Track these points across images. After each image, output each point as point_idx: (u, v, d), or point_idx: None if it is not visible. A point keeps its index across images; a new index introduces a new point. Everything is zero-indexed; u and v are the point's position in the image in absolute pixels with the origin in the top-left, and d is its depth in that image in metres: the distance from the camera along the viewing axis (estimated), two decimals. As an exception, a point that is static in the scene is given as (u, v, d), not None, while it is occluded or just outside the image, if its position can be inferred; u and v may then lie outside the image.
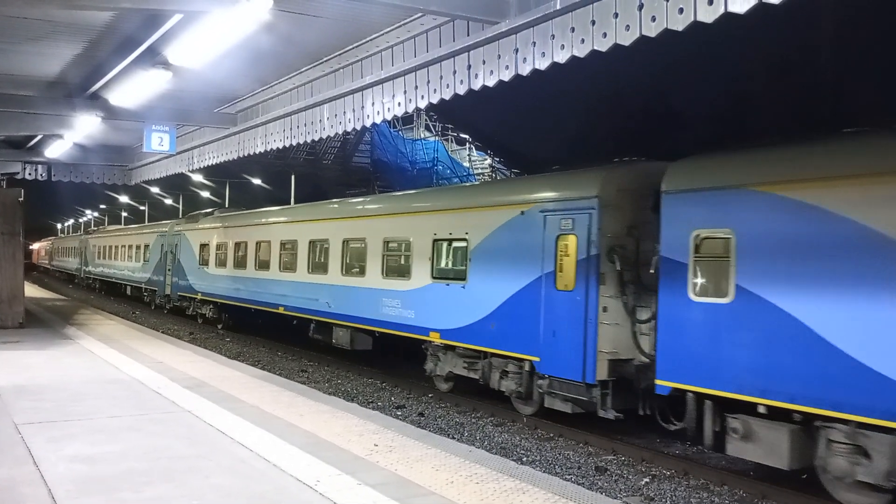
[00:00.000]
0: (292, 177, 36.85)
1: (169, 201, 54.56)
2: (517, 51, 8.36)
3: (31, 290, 35.76)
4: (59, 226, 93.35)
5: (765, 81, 17.18)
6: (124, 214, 67.74)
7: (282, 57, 11.76)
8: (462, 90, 9.30)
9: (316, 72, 12.28)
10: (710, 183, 9.59)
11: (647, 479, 9.94)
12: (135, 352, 16.20)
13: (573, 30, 7.59)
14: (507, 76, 8.59)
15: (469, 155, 35.12)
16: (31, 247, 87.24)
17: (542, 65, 8.08)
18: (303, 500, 6.63)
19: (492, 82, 8.83)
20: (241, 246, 23.48)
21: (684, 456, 11.03)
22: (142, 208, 60.47)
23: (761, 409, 8.73)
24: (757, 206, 8.86)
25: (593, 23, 7.37)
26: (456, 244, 14.11)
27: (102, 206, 69.07)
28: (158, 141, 15.61)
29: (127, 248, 38.24)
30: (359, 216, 17.79)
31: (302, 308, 19.24)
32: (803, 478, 9.20)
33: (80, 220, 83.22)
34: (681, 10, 6.49)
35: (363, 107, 11.38)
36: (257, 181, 40.32)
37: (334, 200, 21.43)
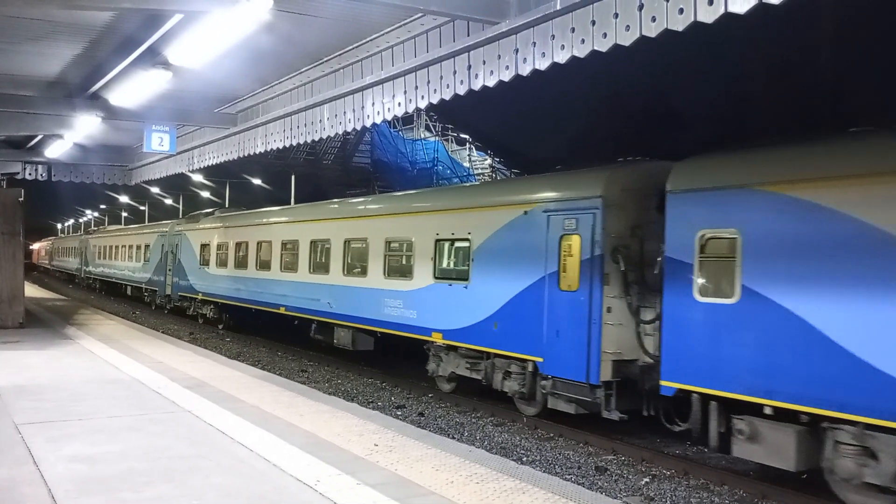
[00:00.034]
0: (292, 177, 36.88)
1: (169, 201, 54.58)
2: (517, 51, 8.36)
3: (32, 290, 35.76)
4: (60, 226, 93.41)
5: (765, 81, 17.20)
6: (124, 214, 67.78)
7: (282, 57, 11.77)
8: (462, 90, 9.31)
9: (316, 72, 12.28)
10: (715, 182, 9.48)
11: (647, 479, 9.93)
12: (135, 352, 16.20)
13: (573, 30, 7.59)
14: (508, 76, 8.59)
15: (469, 155, 35.14)
16: (31, 247, 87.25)
17: (543, 65, 8.09)
18: (303, 499, 6.63)
19: (492, 82, 8.83)
20: (242, 246, 23.44)
21: (684, 456, 11.03)
22: (142, 208, 60.51)
23: (767, 411, 8.63)
24: (763, 206, 8.77)
25: (593, 23, 7.37)
26: (458, 244, 14.05)
27: (102, 207, 69.13)
28: (158, 141, 15.62)
29: (127, 248, 38.19)
30: (360, 216, 17.73)
31: (303, 308, 19.19)
32: (803, 477, 9.20)
33: (81, 221, 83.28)
34: (681, 11, 6.49)
35: (363, 107, 11.38)
36: (257, 181, 40.35)
37: (336, 200, 21.37)
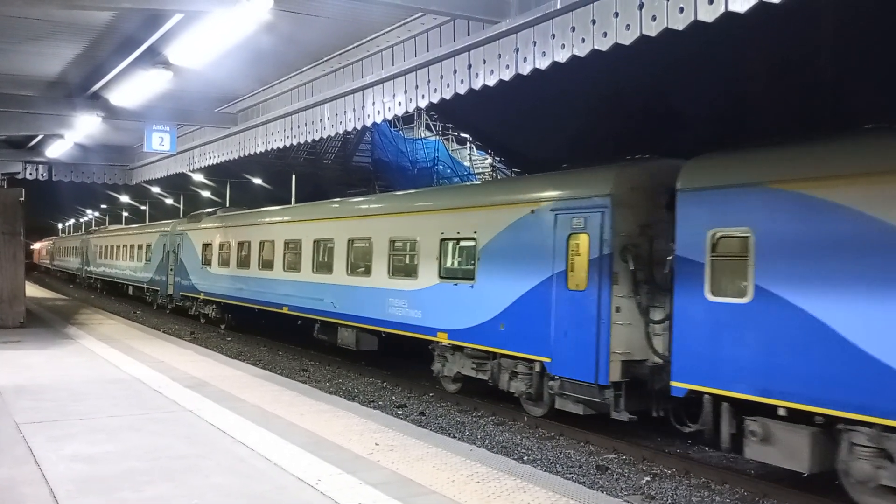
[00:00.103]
0: (293, 176, 36.87)
1: (170, 201, 54.61)
2: (517, 50, 8.36)
3: (32, 290, 35.77)
4: (60, 226, 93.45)
5: (765, 81, 17.19)
6: (125, 214, 67.80)
7: (282, 57, 11.77)
8: (462, 90, 9.30)
9: (316, 71, 12.28)
10: (727, 181, 9.34)
11: (648, 478, 9.94)
12: (136, 351, 16.21)
13: (574, 29, 7.59)
14: (508, 76, 8.59)
15: (470, 154, 35.14)
16: (31, 246, 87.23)
17: (543, 64, 8.09)
18: (303, 499, 6.63)
19: (492, 82, 8.82)
20: (245, 245, 23.40)
21: (685, 455, 11.03)
22: (142, 208, 60.55)
23: (781, 412, 8.51)
24: (777, 205, 8.64)
25: (594, 22, 7.37)
26: (464, 243, 13.94)
27: (103, 206, 69.17)
28: (159, 141, 15.62)
29: (129, 247, 38.17)
30: (364, 215, 17.65)
31: (306, 308, 19.12)
32: (803, 476, 9.19)
33: (81, 220, 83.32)
34: (681, 10, 6.49)
35: (364, 106, 11.38)
36: (258, 181, 40.35)
37: (340, 199, 21.29)
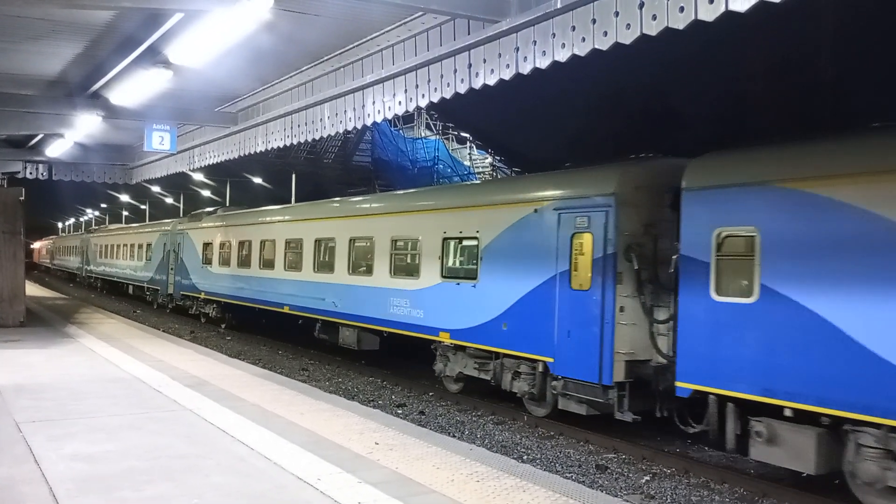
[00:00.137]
0: (293, 176, 36.87)
1: (170, 200, 54.62)
2: (518, 49, 8.36)
3: (32, 289, 35.78)
4: (60, 225, 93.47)
5: (765, 81, 17.18)
6: (125, 213, 67.82)
7: (282, 56, 11.77)
8: (463, 89, 9.30)
9: (316, 71, 12.28)
10: (733, 179, 9.26)
11: (647, 478, 9.94)
12: (136, 350, 16.21)
13: (574, 28, 7.59)
14: (508, 75, 8.59)
15: (470, 154, 35.14)
16: (31, 246, 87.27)
17: (543, 63, 8.09)
18: (303, 498, 6.63)
19: (492, 81, 8.82)
20: (246, 245, 23.37)
21: (685, 454, 11.03)
22: (142, 207, 60.56)
23: (787, 413, 8.45)
24: (783, 204, 8.59)
25: (594, 21, 7.37)
26: (466, 242, 13.88)
27: (103, 206, 69.22)
28: (159, 140, 15.62)
29: (129, 246, 38.16)
30: (366, 214, 17.59)
31: (307, 308, 19.07)
32: (803, 476, 9.19)
33: (81, 220, 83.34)
34: (681, 9, 6.49)
35: (364, 106, 11.38)
36: (258, 180, 40.37)
37: (341, 199, 21.24)
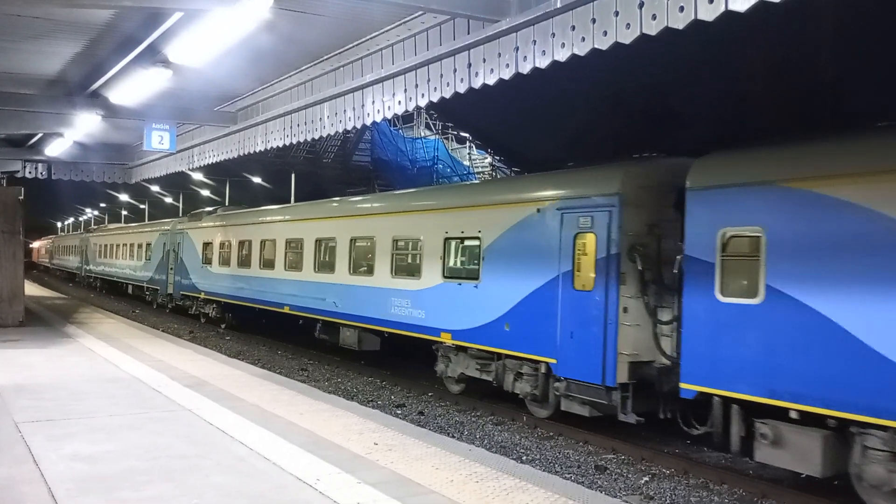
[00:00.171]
0: (292, 175, 36.86)
1: (169, 200, 54.59)
2: (517, 49, 8.36)
3: (32, 289, 35.77)
4: (59, 224, 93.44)
5: (765, 81, 17.18)
6: (124, 213, 67.80)
7: (282, 55, 11.77)
8: (462, 88, 9.30)
9: (316, 70, 12.28)
10: (738, 179, 9.17)
11: (646, 478, 9.93)
12: (135, 350, 16.20)
13: (574, 28, 7.60)
14: (508, 74, 8.59)
15: (469, 153, 35.16)
16: (31, 245, 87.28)
17: (543, 63, 8.09)
18: (303, 498, 6.63)
19: (492, 81, 8.82)
20: (246, 244, 23.32)
21: (684, 455, 11.02)
22: (142, 207, 60.51)
23: (793, 415, 8.37)
24: (789, 204, 8.50)
25: (594, 21, 7.37)
26: (468, 242, 13.81)
27: (102, 205, 69.16)
28: (159, 139, 15.60)
29: (129, 246, 38.13)
30: (367, 214, 17.53)
31: (308, 308, 19.00)
32: (802, 477, 9.19)
33: (80, 219, 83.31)
34: (681, 9, 6.49)
35: (363, 105, 11.38)
36: (257, 180, 40.35)
37: (342, 198, 21.19)
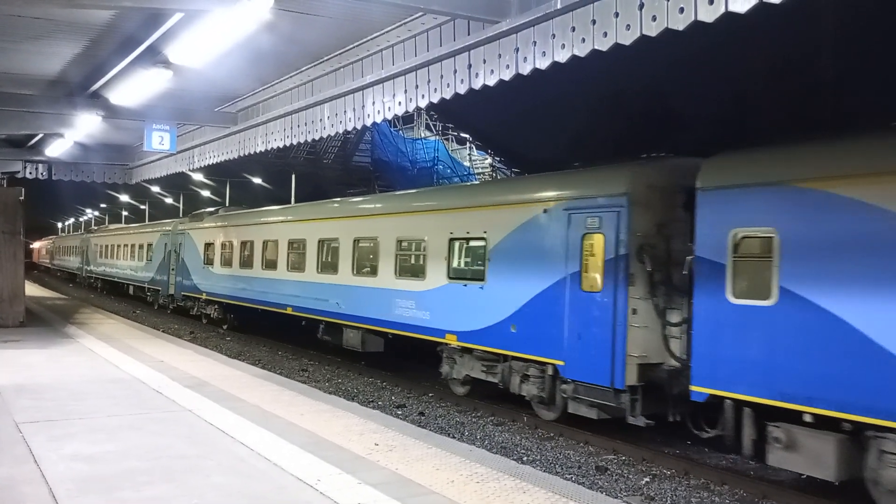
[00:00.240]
0: (293, 176, 36.88)
1: (169, 200, 54.64)
2: (518, 50, 8.36)
3: (32, 289, 35.77)
4: (60, 225, 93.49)
5: (765, 81, 17.19)
6: (125, 213, 67.84)
7: (282, 56, 11.77)
8: (463, 89, 9.30)
9: (316, 71, 12.28)
10: (750, 179, 9.06)
11: (647, 479, 9.93)
12: (135, 351, 16.20)
13: (574, 29, 7.59)
14: (508, 75, 8.59)
15: (469, 154, 35.20)
16: (31, 246, 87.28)
17: (543, 64, 8.08)
18: (303, 499, 6.63)
19: (492, 81, 8.82)
20: (248, 245, 23.27)
21: (685, 455, 11.03)
22: (142, 207, 60.59)
23: (807, 418, 8.27)
24: (803, 204, 8.40)
25: (594, 22, 7.37)
26: (473, 243, 13.72)
27: (103, 206, 69.23)
28: (159, 140, 15.60)
29: (130, 247, 38.10)
30: (370, 215, 17.46)
31: (311, 309, 18.92)
32: (803, 477, 9.19)
33: (81, 220, 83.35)
34: (681, 10, 6.49)
35: (364, 106, 11.38)
36: (258, 180, 40.39)
37: (345, 199, 21.12)
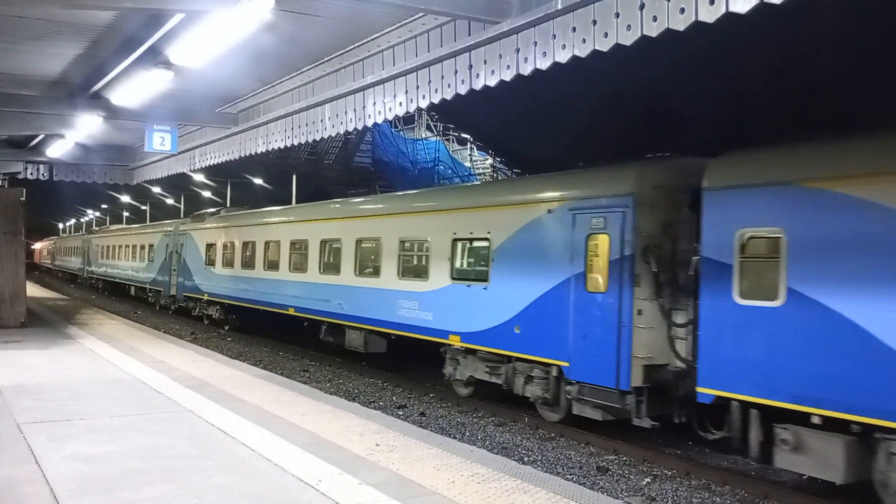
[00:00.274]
0: (293, 176, 36.87)
1: (170, 201, 54.63)
2: (518, 50, 8.36)
3: (33, 290, 35.78)
4: (61, 225, 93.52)
5: (765, 81, 17.19)
6: (126, 214, 67.85)
7: (283, 57, 11.77)
8: (463, 90, 9.30)
9: (317, 71, 12.28)
10: (758, 179, 8.99)
11: (648, 479, 9.93)
12: (136, 351, 16.21)
13: (574, 29, 7.60)
14: (509, 76, 8.59)
15: (470, 155, 35.19)
16: (32, 246, 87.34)
17: (544, 65, 8.09)
18: (304, 499, 6.63)
19: (493, 82, 8.82)
20: (250, 246, 23.23)
21: (686, 456, 11.02)
22: (143, 208, 60.56)
23: (815, 420, 8.20)
24: (811, 204, 8.34)
25: (594, 22, 7.37)
26: (477, 244, 13.65)
27: (104, 206, 69.23)
28: (160, 141, 15.61)
29: (131, 247, 38.09)
30: (373, 215, 17.41)
31: (313, 310, 18.87)
32: (804, 478, 9.19)
33: (82, 220, 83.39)
34: (682, 10, 6.49)
35: (364, 106, 11.38)
36: (258, 181, 40.37)
37: (347, 199, 21.09)
